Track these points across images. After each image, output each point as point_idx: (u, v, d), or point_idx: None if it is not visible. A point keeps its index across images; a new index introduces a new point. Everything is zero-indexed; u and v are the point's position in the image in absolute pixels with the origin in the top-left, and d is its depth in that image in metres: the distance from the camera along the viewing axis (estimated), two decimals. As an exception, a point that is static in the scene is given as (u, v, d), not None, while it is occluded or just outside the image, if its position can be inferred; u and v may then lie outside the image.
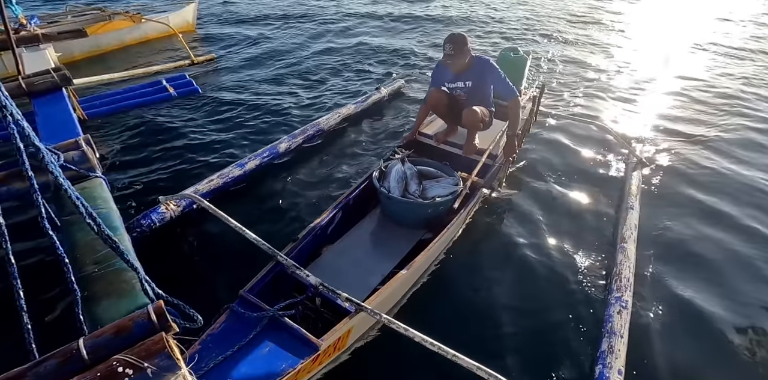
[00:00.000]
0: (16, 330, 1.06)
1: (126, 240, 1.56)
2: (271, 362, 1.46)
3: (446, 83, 2.79)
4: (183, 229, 2.69)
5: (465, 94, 2.77)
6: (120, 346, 1.11)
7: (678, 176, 3.45)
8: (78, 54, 5.25)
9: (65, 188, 1.06)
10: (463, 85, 2.74)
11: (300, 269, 1.73)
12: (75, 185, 1.76)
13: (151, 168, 3.33)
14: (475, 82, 2.69)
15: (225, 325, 1.58)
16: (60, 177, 1.10)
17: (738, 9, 9.16)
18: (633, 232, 2.71)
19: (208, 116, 4.14)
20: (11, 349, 1.07)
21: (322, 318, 1.79)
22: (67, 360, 1.07)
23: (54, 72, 2.52)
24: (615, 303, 2.16)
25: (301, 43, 6.37)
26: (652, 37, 7.31)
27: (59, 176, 1.12)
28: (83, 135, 1.88)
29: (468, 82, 2.71)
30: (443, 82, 2.78)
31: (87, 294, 1.36)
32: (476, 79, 2.67)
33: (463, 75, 2.69)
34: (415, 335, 1.43)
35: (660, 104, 4.80)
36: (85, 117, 3.86)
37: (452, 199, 2.30)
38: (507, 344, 2.05)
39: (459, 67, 2.63)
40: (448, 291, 2.32)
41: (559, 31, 7.39)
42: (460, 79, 2.72)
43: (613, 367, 1.82)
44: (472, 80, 2.69)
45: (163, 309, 1.17)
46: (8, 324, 1.04)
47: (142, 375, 1.06)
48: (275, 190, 3.13)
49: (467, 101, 2.77)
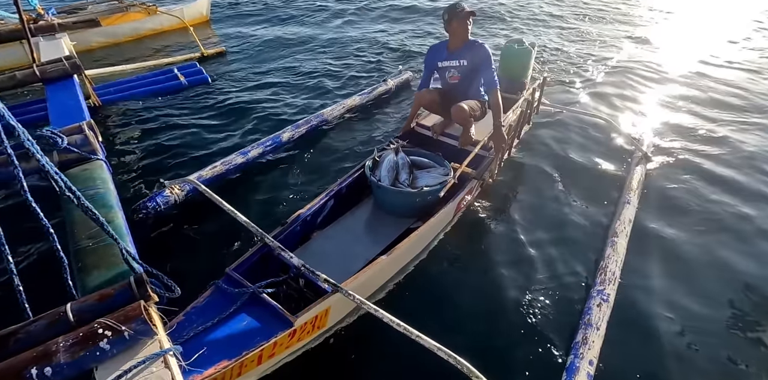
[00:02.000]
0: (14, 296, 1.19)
1: (119, 218, 1.69)
2: (247, 334, 1.58)
3: (440, 63, 2.79)
4: (186, 212, 2.84)
5: (459, 74, 2.77)
6: (103, 311, 1.23)
7: (684, 174, 3.39)
8: (95, 44, 5.49)
9: (45, 166, 1.16)
10: (458, 64, 2.74)
11: (285, 250, 1.83)
12: (77, 166, 1.92)
13: (159, 153, 3.49)
14: (469, 62, 2.70)
15: (209, 299, 1.70)
16: (41, 159, 1.20)
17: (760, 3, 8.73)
18: (626, 227, 2.71)
19: (216, 105, 4.28)
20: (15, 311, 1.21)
21: (305, 299, 1.89)
22: (55, 322, 1.20)
23: (66, 60, 2.67)
24: (596, 295, 2.20)
25: (312, 35, 6.45)
26: (666, 30, 7.07)
27: (40, 156, 1.21)
28: (87, 120, 2.01)
29: (463, 61, 2.71)
30: (437, 62, 2.79)
31: (80, 265, 1.49)
32: (470, 60, 2.68)
33: (459, 53, 2.70)
34: (384, 316, 1.51)
35: (671, 99, 4.68)
36: (100, 103, 4.05)
37: (440, 188, 2.36)
38: (483, 330, 2.12)
39: (456, 42, 2.66)
40: (435, 281, 2.40)
41: (566, 22, 7.24)
42: (454, 58, 2.72)
43: (584, 358, 1.87)
44: (467, 59, 2.70)
45: (143, 280, 1.29)
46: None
47: (120, 338, 1.18)
48: (275, 178, 3.25)
49: (460, 83, 2.79)
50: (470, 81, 2.81)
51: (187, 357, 1.40)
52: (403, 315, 1.58)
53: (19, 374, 1.08)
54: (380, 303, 2.17)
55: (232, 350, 1.50)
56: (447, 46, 2.75)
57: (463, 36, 2.64)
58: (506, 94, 3.34)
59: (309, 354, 1.95)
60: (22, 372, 1.08)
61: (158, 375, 1.17)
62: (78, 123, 1.96)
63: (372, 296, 2.18)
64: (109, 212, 1.69)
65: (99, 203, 1.72)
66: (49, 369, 1.10)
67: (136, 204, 2.68)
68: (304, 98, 4.57)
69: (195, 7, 6.39)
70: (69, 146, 1.86)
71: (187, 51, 5.55)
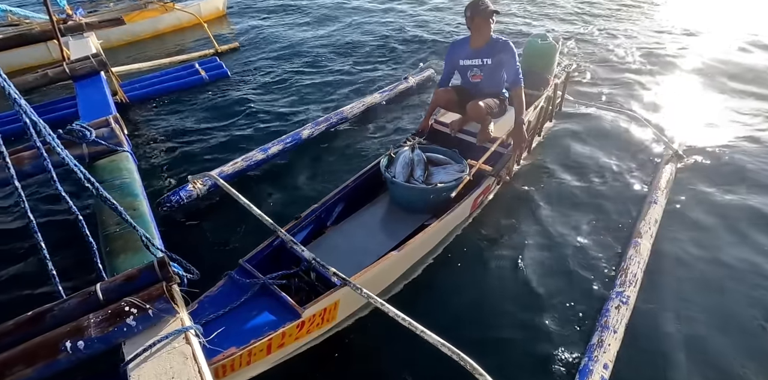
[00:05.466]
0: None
1: (144, 206, 1.85)
2: (256, 324, 1.70)
3: (462, 61, 2.79)
4: (208, 206, 3.04)
5: (482, 73, 2.80)
6: (129, 291, 1.38)
7: (719, 175, 3.31)
8: (115, 41, 5.84)
9: (65, 159, 1.32)
10: (481, 63, 2.74)
11: (297, 244, 1.95)
12: (104, 158, 2.11)
13: (183, 147, 3.74)
14: (494, 61, 2.70)
15: (222, 289, 1.84)
16: (61, 152, 1.36)
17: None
18: (652, 228, 2.72)
19: (234, 100, 4.49)
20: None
21: (316, 292, 2.01)
22: (85, 300, 1.35)
23: (93, 58, 2.89)
24: (615, 297, 2.23)
25: (329, 31, 6.62)
26: (703, 18, 6.85)
27: (60, 149, 1.37)
28: (113, 114, 2.19)
29: (487, 60, 2.71)
30: (458, 60, 2.81)
31: (109, 249, 1.66)
32: (494, 58, 2.69)
33: (482, 51, 2.69)
34: (390, 310, 1.58)
35: (707, 93, 4.59)
36: (127, 100, 4.30)
37: (455, 185, 2.44)
38: (494, 328, 2.19)
39: (479, 40, 2.67)
40: (449, 277, 2.48)
41: (592, 10, 7.15)
42: (478, 56, 2.72)
43: (599, 361, 1.90)
44: (491, 58, 2.69)
45: (165, 262, 1.43)
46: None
47: (145, 315, 1.32)
48: (294, 174, 3.40)
49: (481, 82, 2.82)
50: (492, 80, 2.83)
51: (205, 338, 1.53)
52: (415, 310, 1.66)
53: (55, 346, 1.24)
54: (393, 299, 2.27)
55: (241, 338, 1.62)
56: (469, 44, 2.74)
57: (485, 35, 2.64)
58: (529, 90, 3.37)
59: (319, 347, 2.06)
60: (58, 344, 1.24)
61: (180, 350, 1.30)
62: (105, 117, 2.14)
63: (385, 291, 2.27)
64: (135, 201, 1.86)
65: (125, 192, 1.89)
66: (81, 343, 1.25)
67: (160, 198, 2.90)
68: (323, 94, 4.72)
69: (211, 2, 6.68)
70: (97, 138, 2.04)
71: (206, 48, 5.81)
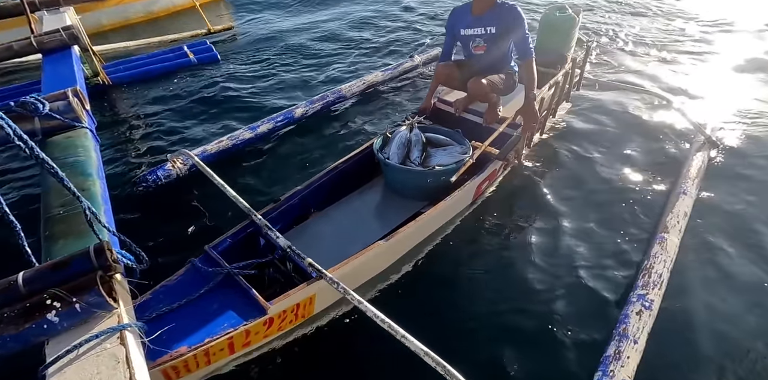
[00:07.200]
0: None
1: (97, 186, 1.68)
2: (215, 319, 1.52)
3: (462, 30, 2.55)
4: (187, 186, 2.84)
5: (485, 43, 2.54)
6: (57, 281, 1.19)
7: (755, 167, 3.03)
8: (107, 25, 5.69)
9: (6, 129, 1.14)
10: (484, 32, 2.49)
11: (271, 229, 1.76)
12: (60, 134, 1.93)
13: (165, 129, 3.57)
14: (498, 29, 2.45)
15: (181, 278, 1.66)
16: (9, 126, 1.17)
17: None
18: (680, 222, 2.47)
19: (224, 82, 4.30)
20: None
21: (293, 284, 1.82)
22: (3, 291, 1.17)
23: (63, 31, 2.72)
24: (636, 301, 1.98)
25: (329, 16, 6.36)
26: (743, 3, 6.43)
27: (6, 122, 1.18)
28: (72, 87, 2.02)
29: (490, 29, 2.46)
30: (459, 29, 2.57)
31: (48, 234, 1.48)
32: (499, 26, 2.45)
33: (485, 18, 2.45)
34: (368, 309, 1.39)
35: (745, 73, 4.27)
36: (109, 81, 4.16)
37: (456, 168, 2.22)
38: (493, 332, 1.97)
39: (482, 5, 2.43)
40: (447, 273, 2.26)
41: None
42: (480, 24, 2.48)
43: (615, 376, 1.66)
44: (495, 26, 2.44)
45: (104, 248, 1.24)
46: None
47: (71, 310, 1.14)
48: (283, 155, 3.22)
49: (486, 54, 2.58)
50: (498, 51, 2.58)
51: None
52: (402, 308, 1.47)
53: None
54: (379, 295, 2.08)
55: (195, 336, 1.45)
56: (471, 10, 2.50)
57: (486, 4, 2.41)
58: (544, 68, 3.12)
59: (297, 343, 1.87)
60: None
61: (111, 351, 1.13)
62: (62, 90, 1.97)
63: (369, 285, 2.07)
64: (87, 180, 1.69)
65: (77, 171, 1.72)
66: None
67: (135, 177, 2.74)
68: (320, 74, 4.52)
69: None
70: (51, 112, 1.87)
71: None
